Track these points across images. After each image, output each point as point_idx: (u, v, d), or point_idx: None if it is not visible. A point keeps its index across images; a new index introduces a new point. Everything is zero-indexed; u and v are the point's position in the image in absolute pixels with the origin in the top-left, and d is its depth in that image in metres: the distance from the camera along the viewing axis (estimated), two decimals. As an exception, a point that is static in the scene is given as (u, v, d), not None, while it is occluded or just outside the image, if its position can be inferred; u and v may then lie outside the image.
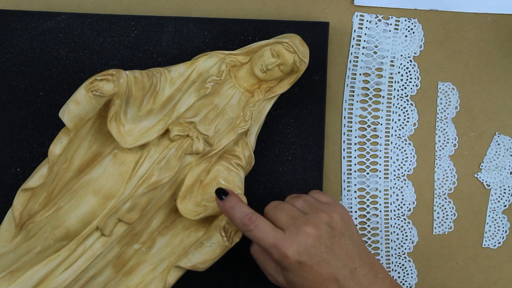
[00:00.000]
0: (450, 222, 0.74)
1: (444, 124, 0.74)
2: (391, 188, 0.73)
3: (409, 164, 0.74)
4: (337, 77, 0.73)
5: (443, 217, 0.74)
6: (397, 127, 0.73)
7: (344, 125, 0.73)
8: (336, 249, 0.59)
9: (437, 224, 0.74)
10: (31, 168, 0.65)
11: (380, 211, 0.73)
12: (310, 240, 0.58)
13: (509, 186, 0.74)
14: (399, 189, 0.73)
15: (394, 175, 0.73)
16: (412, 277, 0.73)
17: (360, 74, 0.73)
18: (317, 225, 0.59)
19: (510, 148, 0.74)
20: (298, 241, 0.58)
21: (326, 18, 0.73)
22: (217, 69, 0.66)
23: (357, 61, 0.73)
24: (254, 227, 0.59)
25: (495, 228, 0.74)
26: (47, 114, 0.69)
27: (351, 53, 0.73)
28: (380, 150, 0.73)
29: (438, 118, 0.74)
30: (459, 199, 0.74)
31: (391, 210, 0.73)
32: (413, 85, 0.74)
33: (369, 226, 0.73)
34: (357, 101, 0.73)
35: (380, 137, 0.73)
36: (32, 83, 0.69)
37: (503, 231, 0.74)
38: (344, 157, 0.73)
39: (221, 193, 0.61)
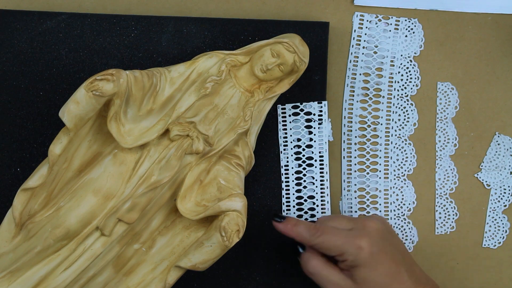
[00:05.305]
0: (452, 222, 0.74)
1: (444, 124, 0.74)
2: (391, 188, 0.73)
3: (409, 164, 0.74)
4: (337, 77, 0.73)
5: (445, 217, 0.74)
6: (397, 127, 0.73)
7: (344, 125, 0.73)
8: (393, 244, 0.64)
9: (439, 224, 0.74)
10: (31, 168, 0.65)
11: (380, 211, 0.73)
12: (376, 234, 0.63)
13: (509, 186, 0.74)
14: (399, 189, 0.73)
15: (394, 175, 0.73)
16: (412, 277, 0.73)
17: (360, 74, 0.73)
18: (376, 222, 0.64)
19: (510, 148, 0.74)
20: (367, 234, 0.62)
21: (326, 18, 0.73)
22: (217, 69, 0.66)
23: (357, 61, 0.73)
24: (322, 233, 0.63)
25: (495, 228, 0.74)
26: (47, 114, 0.69)
27: (351, 53, 0.73)
28: (380, 150, 0.73)
29: (438, 118, 0.74)
30: (459, 199, 0.74)
31: (391, 210, 0.73)
32: (413, 85, 0.74)
33: (369, 226, 0.73)
34: (357, 101, 0.73)
35: (380, 137, 0.73)
36: (32, 83, 0.69)
37: (503, 231, 0.74)
38: (344, 157, 0.73)
39: (277, 217, 0.66)
